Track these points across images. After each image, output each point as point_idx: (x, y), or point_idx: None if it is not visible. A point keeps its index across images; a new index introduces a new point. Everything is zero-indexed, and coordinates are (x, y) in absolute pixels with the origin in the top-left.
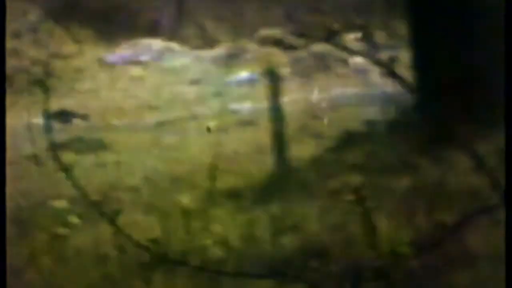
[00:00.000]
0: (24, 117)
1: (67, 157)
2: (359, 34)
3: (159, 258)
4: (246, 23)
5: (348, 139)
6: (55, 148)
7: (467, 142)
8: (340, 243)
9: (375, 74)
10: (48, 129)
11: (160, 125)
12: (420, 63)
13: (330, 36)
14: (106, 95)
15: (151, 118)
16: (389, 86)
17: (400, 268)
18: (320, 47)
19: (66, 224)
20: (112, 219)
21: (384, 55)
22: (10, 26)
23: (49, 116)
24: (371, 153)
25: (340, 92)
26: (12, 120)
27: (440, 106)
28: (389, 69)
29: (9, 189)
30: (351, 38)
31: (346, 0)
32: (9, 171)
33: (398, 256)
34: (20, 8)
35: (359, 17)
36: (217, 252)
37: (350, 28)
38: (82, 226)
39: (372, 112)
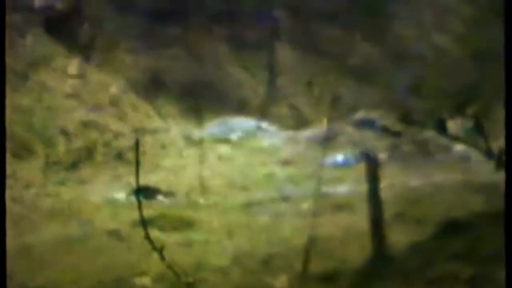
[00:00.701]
0: (104, 191)
1: (152, 234)
2: (463, 122)
3: None
4: (342, 104)
5: (450, 227)
6: (144, 224)
7: None
8: None
9: (479, 162)
10: (136, 205)
11: (250, 205)
12: None
13: (437, 123)
14: (192, 173)
15: (240, 198)
16: (494, 175)
17: None
18: (420, 133)
19: None
20: None
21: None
22: (92, 98)
23: (135, 191)
24: (474, 242)
25: (442, 179)
26: (92, 194)
27: None
28: (499, 161)
29: (89, 263)
30: (454, 125)
31: (446, 85)
32: (89, 245)
33: None
34: (101, 80)
35: (460, 103)
36: None
37: (456, 115)
38: None
39: (476, 201)
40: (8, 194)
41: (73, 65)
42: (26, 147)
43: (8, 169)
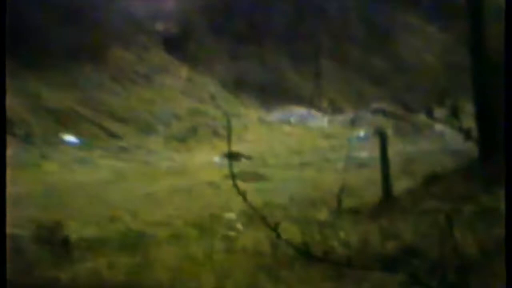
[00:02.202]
0: (204, 156)
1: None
2: (443, 110)
3: (304, 255)
4: (363, 98)
5: (432, 178)
6: (232, 177)
7: None
8: (428, 247)
9: (450, 136)
10: (226, 165)
11: (302, 164)
12: (483, 131)
13: (426, 111)
14: (264, 143)
15: (296, 160)
16: (463, 145)
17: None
18: (414, 117)
19: (234, 229)
20: (273, 227)
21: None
22: (196, 94)
23: (226, 155)
24: (447, 188)
25: (428, 147)
26: (196, 158)
27: (496, 159)
28: (468, 135)
29: (193, 204)
30: (437, 111)
31: (431, 86)
32: (193, 192)
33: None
34: (202, 81)
35: (440, 97)
36: (342, 251)
37: (438, 105)
38: (245, 231)
39: (450, 161)
40: (137, 158)
41: (183, 71)
42: (149, 126)
43: (136, 141)
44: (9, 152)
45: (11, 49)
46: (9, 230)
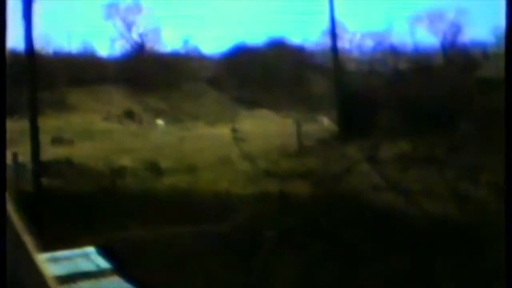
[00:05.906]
0: (225, 131)
1: (240, 144)
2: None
3: (269, 173)
4: (302, 106)
5: (320, 140)
6: (236, 139)
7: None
8: (320, 169)
9: (327, 122)
10: (233, 134)
11: (272, 135)
12: (340, 121)
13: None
14: (253, 126)
15: (271, 132)
16: (332, 126)
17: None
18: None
19: (235, 163)
20: (253, 161)
21: None
22: (222, 104)
23: (233, 130)
24: (326, 143)
25: (318, 127)
26: (222, 132)
27: (346, 133)
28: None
29: (219, 151)
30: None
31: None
32: (219, 146)
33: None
34: (224, 98)
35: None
36: (286, 171)
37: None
38: (241, 163)
39: (326, 133)
40: (192, 130)
41: (214, 93)
42: (197, 116)
43: (193, 123)
44: (132, 128)
45: (140, 87)
46: (129, 164)
